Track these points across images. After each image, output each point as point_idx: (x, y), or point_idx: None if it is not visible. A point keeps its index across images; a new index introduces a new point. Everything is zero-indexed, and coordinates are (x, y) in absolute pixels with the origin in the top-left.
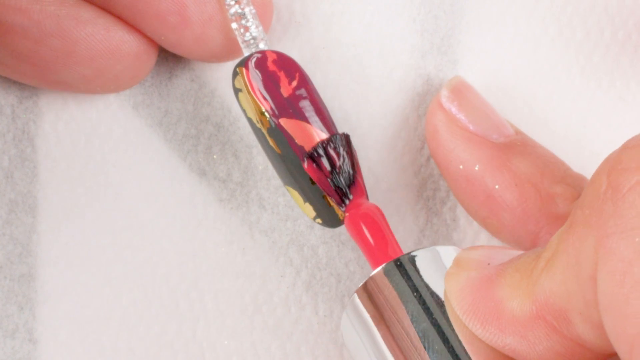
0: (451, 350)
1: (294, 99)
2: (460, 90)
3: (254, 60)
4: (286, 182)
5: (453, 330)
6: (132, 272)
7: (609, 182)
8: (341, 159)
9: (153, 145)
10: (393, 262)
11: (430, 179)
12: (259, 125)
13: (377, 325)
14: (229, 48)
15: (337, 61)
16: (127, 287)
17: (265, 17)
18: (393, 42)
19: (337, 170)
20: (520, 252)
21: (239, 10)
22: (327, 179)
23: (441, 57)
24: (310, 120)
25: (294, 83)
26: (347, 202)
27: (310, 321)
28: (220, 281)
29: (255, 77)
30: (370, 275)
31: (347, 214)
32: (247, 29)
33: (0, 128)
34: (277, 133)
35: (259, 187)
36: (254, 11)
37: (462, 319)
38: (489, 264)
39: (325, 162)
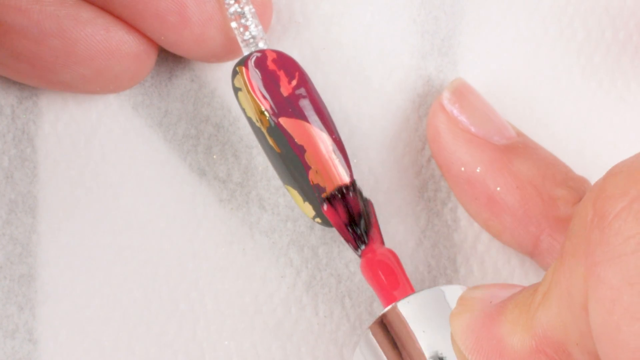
0: None
1: (294, 98)
2: (462, 92)
3: (253, 59)
4: (286, 182)
5: None
6: (132, 272)
7: (594, 211)
8: (361, 206)
9: (153, 146)
10: (405, 301)
11: (431, 180)
12: (258, 124)
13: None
14: (228, 48)
15: (337, 62)
16: (127, 288)
17: (264, 16)
18: (393, 43)
19: (357, 217)
20: (521, 287)
21: (239, 9)
22: (345, 225)
23: (442, 58)
24: (310, 119)
25: (294, 82)
26: (363, 247)
27: (310, 322)
28: (220, 281)
29: (255, 76)
30: (383, 312)
31: (362, 259)
32: (246, 27)
33: (0, 128)
34: (277, 132)
35: (259, 188)
36: (253, 10)
37: (468, 358)
38: (491, 302)
39: (343, 207)
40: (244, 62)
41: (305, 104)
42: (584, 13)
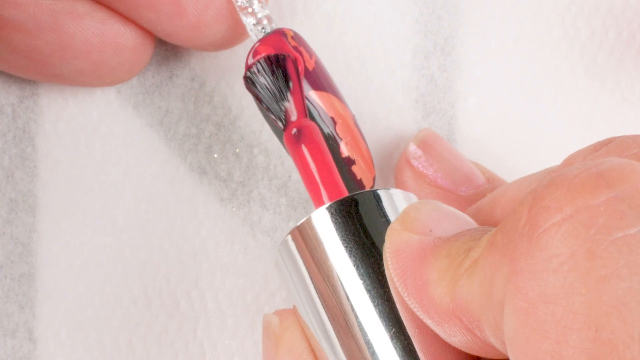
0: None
1: (317, 72)
2: (428, 143)
3: (280, 34)
4: None
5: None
6: (132, 271)
7: (528, 217)
8: (274, 77)
9: (154, 145)
10: (339, 202)
11: None
12: None
13: (310, 265)
14: (226, 36)
15: (339, 61)
16: (127, 287)
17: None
18: (396, 43)
19: (270, 87)
20: (468, 220)
21: None
22: (262, 98)
23: (445, 57)
24: (334, 92)
25: (314, 57)
26: (285, 122)
27: None
28: (221, 281)
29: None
30: (312, 214)
31: (285, 136)
32: (254, 13)
33: (1, 127)
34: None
35: (261, 187)
36: None
37: (395, 281)
38: (431, 230)
39: (261, 80)
40: (270, 38)
41: (327, 77)
42: (587, 13)
